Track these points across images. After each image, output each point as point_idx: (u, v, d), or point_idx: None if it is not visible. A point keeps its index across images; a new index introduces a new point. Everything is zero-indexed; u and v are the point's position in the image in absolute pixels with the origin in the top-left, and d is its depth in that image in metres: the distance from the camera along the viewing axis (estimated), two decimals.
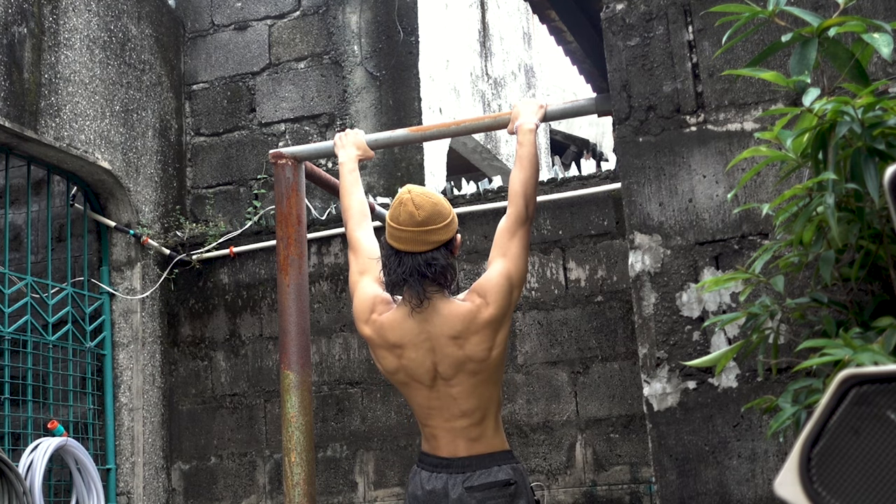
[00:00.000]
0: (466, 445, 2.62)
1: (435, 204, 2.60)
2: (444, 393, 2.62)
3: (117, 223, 5.66)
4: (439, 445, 2.64)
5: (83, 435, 5.36)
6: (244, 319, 5.70)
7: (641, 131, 2.99)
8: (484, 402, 2.63)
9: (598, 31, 4.11)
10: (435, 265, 2.56)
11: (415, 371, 2.63)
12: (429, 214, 2.58)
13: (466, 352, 2.58)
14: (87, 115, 5.34)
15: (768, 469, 2.70)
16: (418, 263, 2.56)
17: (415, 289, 2.56)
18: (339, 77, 6.16)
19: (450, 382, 2.61)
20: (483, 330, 2.59)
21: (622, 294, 4.96)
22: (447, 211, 2.63)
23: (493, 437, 2.64)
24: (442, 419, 2.63)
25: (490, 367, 2.62)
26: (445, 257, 2.59)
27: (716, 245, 2.87)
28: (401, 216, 2.58)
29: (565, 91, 11.70)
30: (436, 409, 2.64)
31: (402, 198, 2.61)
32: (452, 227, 2.63)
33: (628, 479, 4.87)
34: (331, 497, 5.33)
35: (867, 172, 1.96)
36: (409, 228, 2.57)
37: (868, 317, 2.21)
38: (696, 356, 2.75)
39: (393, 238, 2.61)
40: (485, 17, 8.25)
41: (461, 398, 2.61)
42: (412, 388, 2.67)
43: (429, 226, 2.57)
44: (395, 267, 2.59)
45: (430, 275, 2.56)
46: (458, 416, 2.62)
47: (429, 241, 2.58)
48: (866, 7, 2.77)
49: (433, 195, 2.64)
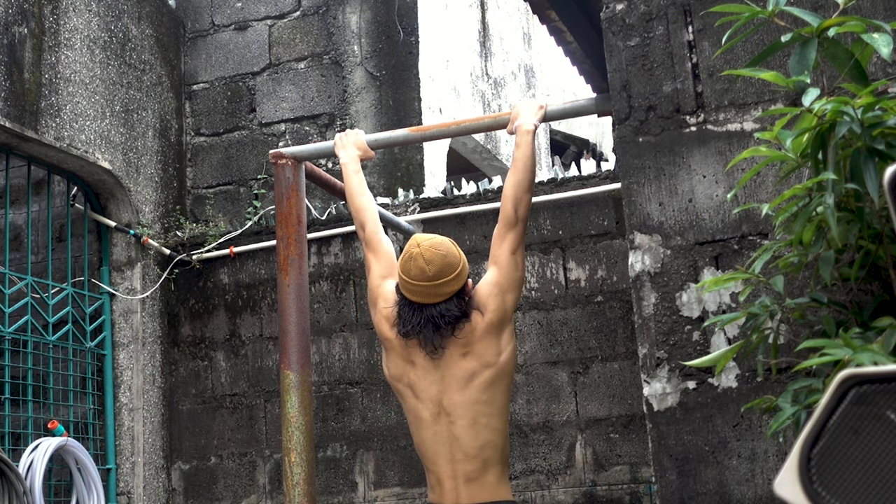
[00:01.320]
0: (468, 492, 2.63)
1: (444, 256, 2.65)
2: (446, 430, 2.66)
3: (117, 223, 5.66)
4: (443, 492, 2.67)
5: (83, 435, 5.36)
6: (244, 319, 5.70)
7: (641, 131, 2.99)
8: (488, 444, 2.65)
9: (598, 31, 4.11)
10: (448, 315, 2.65)
11: (419, 390, 2.71)
12: (439, 269, 2.63)
13: (474, 362, 2.65)
14: (87, 115, 5.34)
15: (768, 469, 2.70)
16: (432, 315, 2.65)
17: (429, 339, 2.66)
18: (339, 77, 6.16)
19: (452, 416, 2.65)
20: (485, 337, 2.67)
21: (622, 294, 4.96)
22: (457, 261, 2.67)
23: (496, 486, 2.66)
24: (445, 461, 2.66)
25: (498, 374, 2.67)
26: (458, 307, 2.67)
27: (716, 245, 2.87)
28: (412, 271, 2.64)
29: (565, 91, 11.70)
30: (440, 451, 2.67)
31: (411, 252, 2.66)
32: (463, 275, 2.69)
33: (628, 479, 4.87)
34: (331, 497, 5.33)
35: (867, 172, 1.96)
36: (420, 283, 2.64)
37: (868, 317, 2.21)
38: (696, 356, 2.75)
39: (406, 290, 2.68)
40: (485, 17, 8.25)
41: (464, 436, 2.64)
42: (412, 410, 2.73)
43: (440, 279, 2.63)
44: (410, 317, 2.68)
45: (444, 325, 2.65)
46: (462, 459, 2.64)
47: (441, 293, 2.65)
48: (866, 7, 2.77)
49: (441, 246, 2.68)
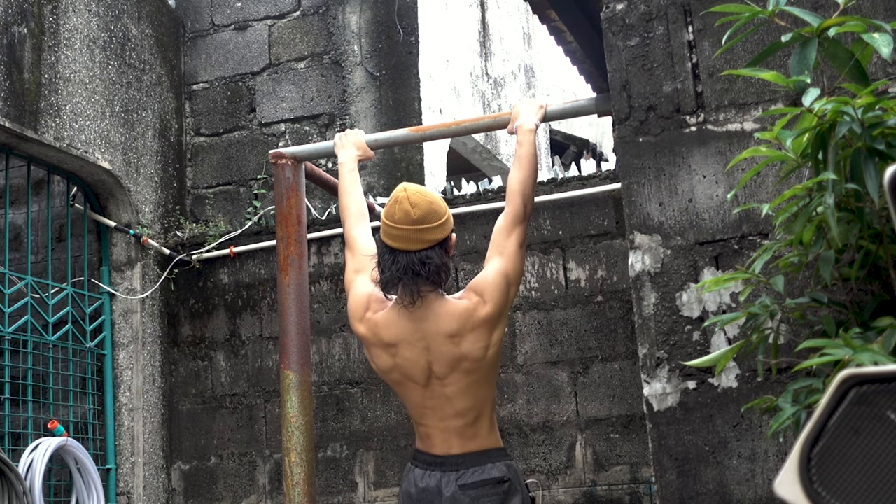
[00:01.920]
0: (460, 443, 2.61)
1: (431, 202, 2.59)
2: (438, 392, 2.61)
3: (117, 223, 5.66)
4: (433, 444, 2.64)
5: (83, 435, 5.36)
6: (244, 319, 5.70)
7: (641, 131, 2.99)
8: (479, 402, 2.63)
9: (598, 31, 4.11)
10: (429, 264, 2.54)
11: (409, 370, 2.63)
12: (424, 213, 2.56)
13: (462, 350, 2.58)
14: (87, 115, 5.34)
15: (768, 469, 2.70)
16: (413, 262, 2.54)
17: (409, 287, 2.55)
18: (339, 77, 6.16)
19: (444, 382, 2.60)
20: (479, 328, 2.58)
21: (622, 294, 4.96)
22: (443, 210, 2.62)
23: (487, 436, 2.64)
24: (436, 418, 2.63)
25: (485, 366, 2.62)
26: (440, 256, 2.57)
27: (716, 245, 2.87)
28: (396, 214, 2.57)
29: (565, 91, 11.70)
30: (430, 409, 2.64)
31: (397, 195, 2.59)
32: (448, 225, 2.62)
33: (628, 479, 4.87)
34: (331, 497, 5.33)
35: (867, 172, 1.96)
36: (404, 226, 2.56)
37: (868, 317, 2.21)
38: (696, 356, 2.75)
39: (388, 236, 2.59)
40: (485, 17, 8.25)
41: (455, 398, 2.60)
42: (406, 388, 2.67)
43: (424, 224, 2.56)
44: (390, 265, 2.57)
45: (425, 273, 2.54)
46: (453, 416, 2.61)
47: (424, 239, 2.56)
48: (866, 7, 2.77)
49: (429, 194, 2.63)
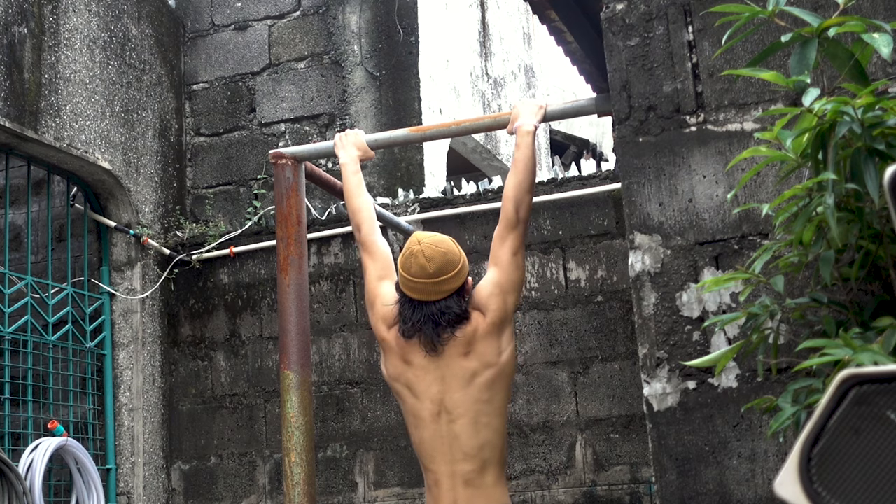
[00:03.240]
0: (466, 494, 2.65)
1: (445, 254, 2.66)
2: (446, 431, 2.67)
3: (117, 223, 5.66)
4: (441, 493, 2.68)
5: (83, 435, 5.35)
6: (244, 319, 5.69)
7: (641, 131, 2.99)
8: (487, 443, 2.66)
9: (598, 31, 4.11)
10: (448, 313, 2.65)
11: (416, 389, 2.71)
12: (439, 266, 2.64)
13: (474, 363, 2.66)
14: (87, 115, 5.34)
15: (768, 469, 2.70)
16: (432, 312, 2.65)
17: (428, 336, 2.66)
18: (339, 77, 6.16)
19: (453, 415, 2.66)
20: (486, 337, 2.67)
21: (622, 294, 4.96)
22: (457, 258, 2.68)
23: (493, 488, 2.67)
24: (444, 462, 2.67)
25: (501, 372, 2.68)
26: (458, 304, 2.67)
27: (716, 245, 2.87)
28: (412, 268, 2.65)
29: (565, 91, 11.69)
30: (438, 450, 2.68)
31: (412, 249, 2.67)
32: (463, 273, 2.70)
33: (628, 479, 4.87)
34: (331, 497, 5.33)
35: (867, 172, 1.96)
36: (421, 280, 2.64)
37: (868, 317, 2.22)
38: (696, 356, 2.75)
39: (406, 288, 2.68)
40: (485, 18, 8.25)
41: (464, 435, 2.65)
42: (419, 419, 2.72)
43: (440, 276, 2.64)
44: (410, 315, 2.68)
45: (444, 323, 2.65)
46: (461, 459, 2.65)
47: (441, 290, 2.65)
48: (866, 7, 2.77)
49: (442, 243, 2.69)
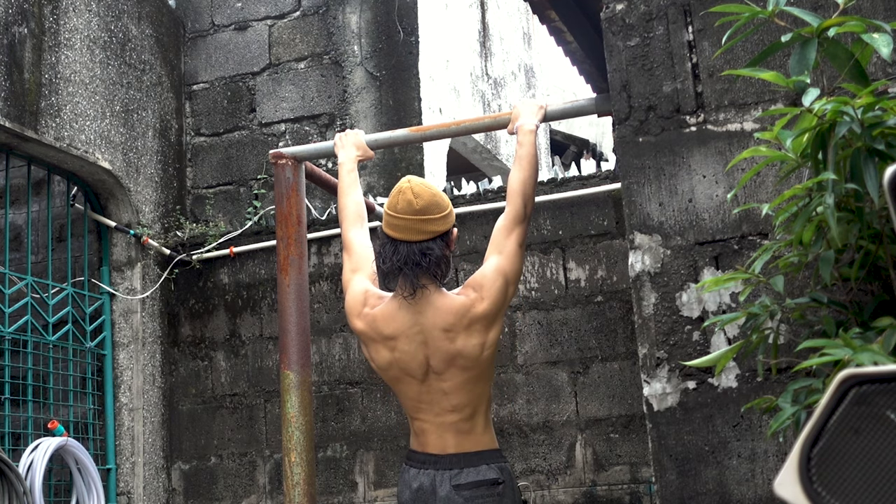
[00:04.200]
0: (455, 442, 2.60)
1: (434, 195, 2.62)
2: (435, 387, 2.61)
3: (117, 223, 5.66)
4: (428, 441, 2.63)
5: (83, 435, 5.36)
6: (244, 319, 5.70)
7: (641, 131, 2.99)
8: (475, 399, 2.62)
9: (598, 31, 4.11)
10: (430, 255, 2.55)
11: (407, 364, 2.62)
12: (427, 204, 2.58)
13: (457, 346, 2.57)
14: (87, 115, 5.34)
15: (768, 469, 2.70)
16: (413, 252, 2.55)
17: (408, 278, 2.56)
18: (339, 77, 6.16)
19: (441, 377, 2.60)
20: (475, 324, 2.57)
21: (622, 294, 4.96)
22: (445, 203, 2.64)
23: (482, 434, 2.63)
24: (432, 413, 2.62)
25: (481, 365, 2.61)
26: (441, 248, 2.59)
27: (716, 245, 2.87)
28: (398, 204, 2.59)
29: (565, 91, 11.69)
30: (426, 403, 2.63)
31: (401, 186, 2.62)
32: (450, 219, 2.64)
33: (628, 479, 4.87)
34: (331, 497, 5.33)
35: (867, 172, 1.96)
36: (406, 216, 2.58)
37: (868, 317, 2.22)
38: (696, 356, 2.75)
39: (389, 226, 2.61)
40: (485, 18, 8.25)
41: (452, 393, 2.60)
42: (403, 383, 2.66)
43: (426, 215, 2.58)
44: (390, 255, 2.58)
45: (425, 264, 2.55)
46: (449, 411, 2.61)
47: (425, 230, 2.58)
48: (866, 7, 2.78)
49: (432, 186, 2.65)
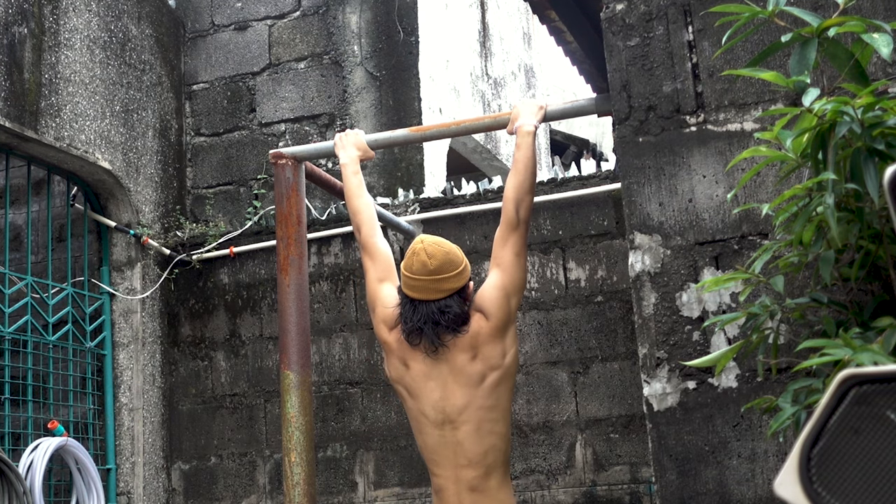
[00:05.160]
0: (472, 499, 2.66)
1: (447, 253, 2.68)
2: (450, 438, 2.68)
3: (117, 223, 5.66)
4: (446, 498, 2.70)
5: (83, 435, 5.35)
6: (244, 319, 5.69)
7: (641, 131, 2.99)
8: (492, 450, 2.68)
9: (598, 31, 4.11)
10: (448, 312, 2.65)
11: (417, 393, 2.72)
12: (440, 263, 2.66)
13: (480, 365, 2.67)
14: (87, 115, 5.34)
15: (768, 469, 2.70)
16: (432, 311, 2.66)
17: (429, 337, 2.66)
18: (339, 77, 6.16)
19: (456, 423, 2.67)
20: (490, 340, 2.69)
21: (622, 294, 4.96)
22: (459, 259, 2.71)
23: (497, 490, 2.68)
24: (449, 468, 2.69)
25: (506, 373, 2.70)
26: (459, 305, 2.68)
27: (716, 245, 2.87)
28: (414, 266, 2.67)
29: (565, 91, 11.69)
30: (443, 456, 2.70)
31: (415, 248, 2.70)
32: (465, 274, 2.71)
33: (628, 479, 4.87)
34: (331, 497, 5.33)
35: (867, 172, 1.96)
36: (422, 277, 2.66)
37: (868, 317, 2.22)
38: (696, 356, 2.75)
39: (407, 287, 2.70)
40: (485, 18, 8.25)
41: (467, 442, 2.66)
42: (420, 423, 2.74)
43: (440, 274, 2.66)
44: (411, 315, 2.69)
45: (444, 322, 2.65)
46: (466, 465, 2.67)
47: (441, 289, 2.66)
48: (866, 7, 2.77)
49: (445, 244, 2.72)
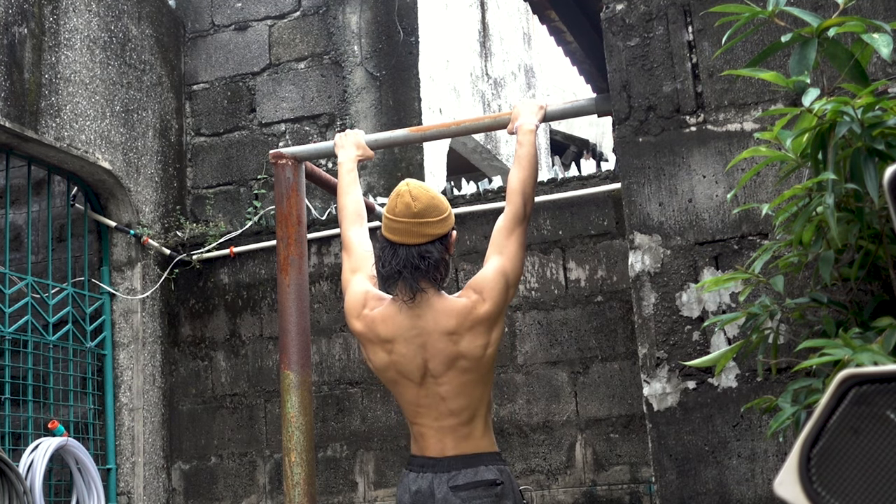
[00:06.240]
0: (454, 444, 2.59)
1: (432, 198, 2.60)
2: (433, 391, 2.60)
3: (118, 223, 5.67)
4: (427, 445, 2.63)
5: (83, 435, 5.36)
6: (244, 319, 5.70)
7: (641, 131, 2.99)
8: (474, 402, 2.61)
9: (598, 31, 4.11)
10: (429, 258, 2.55)
11: (405, 367, 2.61)
12: (425, 206, 2.57)
13: (460, 348, 2.56)
14: (87, 115, 5.34)
15: (768, 469, 2.71)
16: (412, 255, 2.55)
17: (408, 282, 2.55)
18: (339, 77, 6.16)
19: (439, 380, 2.59)
20: (478, 326, 2.57)
21: (622, 294, 4.96)
22: (444, 206, 2.63)
23: (481, 438, 2.62)
24: (430, 418, 2.62)
25: (483, 365, 2.60)
26: (440, 251, 2.58)
27: (715, 245, 2.87)
28: (397, 207, 2.58)
29: (565, 91, 11.69)
30: (424, 408, 2.62)
31: (399, 190, 2.62)
32: (448, 222, 2.63)
33: (628, 479, 4.87)
34: (331, 497, 5.33)
35: (867, 172, 1.96)
36: (404, 220, 2.57)
37: (868, 317, 2.22)
38: (696, 356, 2.75)
39: (388, 229, 2.60)
40: (485, 18, 8.25)
41: (450, 397, 2.59)
42: (401, 385, 2.65)
43: (424, 218, 2.57)
44: (390, 259, 2.57)
45: (424, 267, 2.54)
46: (447, 415, 2.60)
47: (424, 233, 2.57)
48: (866, 7, 2.78)
49: (431, 189, 2.64)
